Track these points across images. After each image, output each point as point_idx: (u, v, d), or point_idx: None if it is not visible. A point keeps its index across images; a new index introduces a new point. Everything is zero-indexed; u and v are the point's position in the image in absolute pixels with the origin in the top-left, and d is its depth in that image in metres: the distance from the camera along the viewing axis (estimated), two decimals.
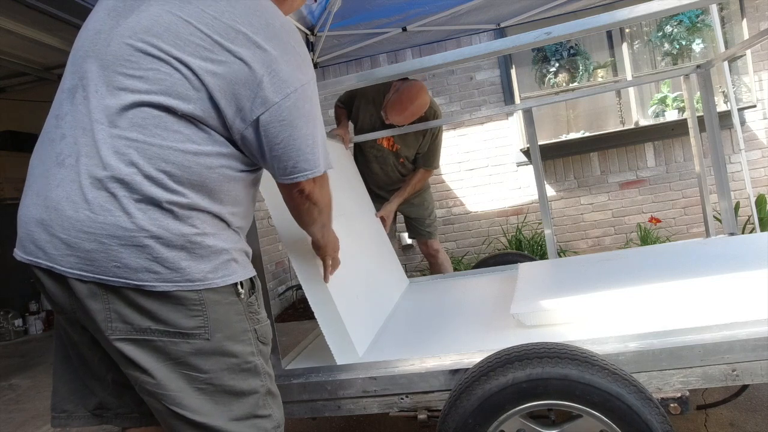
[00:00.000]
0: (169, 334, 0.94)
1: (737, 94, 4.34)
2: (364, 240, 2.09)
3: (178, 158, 0.93)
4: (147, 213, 0.91)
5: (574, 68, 4.55)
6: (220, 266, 0.98)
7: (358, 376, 1.37)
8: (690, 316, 1.34)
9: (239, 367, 1.00)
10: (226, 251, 0.99)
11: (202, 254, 0.95)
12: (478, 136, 4.83)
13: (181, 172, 0.93)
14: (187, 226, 0.94)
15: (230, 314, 0.99)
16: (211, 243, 0.97)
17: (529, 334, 1.44)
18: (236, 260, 1.01)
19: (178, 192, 0.93)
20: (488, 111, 4.41)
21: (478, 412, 1.14)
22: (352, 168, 2.53)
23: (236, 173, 1.01)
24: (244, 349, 1.01)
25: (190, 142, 0.94)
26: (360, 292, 1.71)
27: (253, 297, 1.06)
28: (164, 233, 0.92)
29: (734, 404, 1.81)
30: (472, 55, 1.31)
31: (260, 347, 1.05)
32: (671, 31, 4.40)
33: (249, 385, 1.01)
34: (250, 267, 1.08)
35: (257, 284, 1.10)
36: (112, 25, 0.97)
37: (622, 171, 4.64)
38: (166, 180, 0.92)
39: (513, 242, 4.58)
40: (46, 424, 2.55)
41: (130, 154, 0.91)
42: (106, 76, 0.94)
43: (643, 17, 1.24)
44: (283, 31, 0.99)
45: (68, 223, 0.92)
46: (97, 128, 0.93)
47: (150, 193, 0.91)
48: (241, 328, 1.01)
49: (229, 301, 0.99)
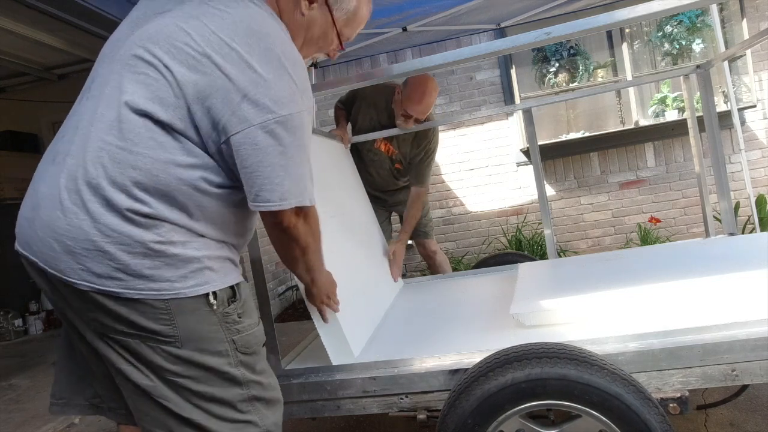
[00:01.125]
0: (141, 337, 0.94)
1: (737, 94, 4.34)
2: (360, 240, 2.09)
3: (147, 165, 0.91)
4: (109, 218, 0.91)
5: (574, 68, 4.55)
6: (190, 275, 0.95)
7: (357, 376, 1.37)
8: (690, 316, 1.34)
9: (215, 377, 0.98)
10: (197, 259, 0.96)
11: (167, 262, 0.93)
12: (478, 136, 4.83)
13: (148, 180, 0.92)
14: (149, 234, 0.92)
15: (202, 325, 0.97)
16: (178, 251, 0.94)
17: (529, 334, 1.44)
18: (211, 268, 0.98)
19: (141, 200, 0.91)
20: (488, 111, 4.40)
21: (477, 412, 1.14)
22: (350, 167, 2.53)
23: (211, 188, 0.98)
24: (219, 360, 0.98)
25: (163, 150, 0.93)
26: (356, 293, 1.71)
27: (232, 306, 1.01)
28: (126, 240, 0.91)
29: (734, 404, 1.81)
30: (472, 55, 1.31)
31: (241, 357, 1.01)
32: (671, 31, 4.40)
33: (228, 394, 1.00)
34: (232, 274, 1.04)
35: (240, 291, 1.05)
36: (128, 33, 1.01)
37: (622, 171, 4.64)
38: (131, 186, 0.91)
39: (513, 242, 4.58)
40: (46, 424, 2.55)
41: (103, 158, 0.91)
42: (110, 79, 0.97)
43: (643, 17, 1.24)
44: (283, 58, 0.97)
45: (43, 222, 0.94)
46: (91, 129, 0.94)
47: (113, 198, 0.90)
48: (215, 339, 0.98)
49: (200, 311, 0.96)
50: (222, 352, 0.99)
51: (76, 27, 2.86)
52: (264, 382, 1.06)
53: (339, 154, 2.40)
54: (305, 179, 1.04)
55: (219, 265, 1.01)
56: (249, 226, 1.15)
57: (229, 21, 0.95)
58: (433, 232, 3.00)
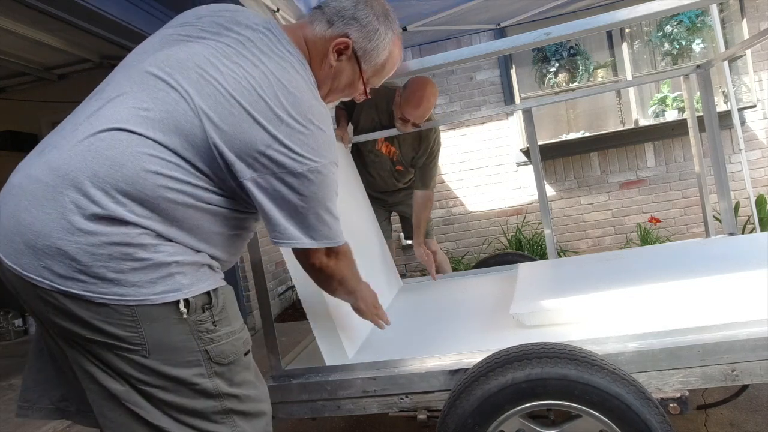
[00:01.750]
0: (107, 345, 0.90)
1: (737, 94, 4.34)
2: (359, 240, 2.09)
3: (134, 172, 0.89)
4: (77, 217, 0.86)
5: (574, 68, 4.55)
6: (160, 281, 0.90)
7: (358, 376, 1.37)
8: (690, 316, 1.34)
9: (184, 388, 0.94)
10: (167, 264, 0.91)
11: (135, 267, 0.88)
12: (478, 136, 4.83)
13: (132, 185, 0.89)
14: (118, 236, 0.88)
15: (171, 335, 0.92)
16: (148, 256, 0.89)
17: (529, 334, 1.44)
18: (183, 273, 0.93)
19: (119, 203, 0.88)
20: (488, 111, 4.40)
21: (477, 412, 1.14)
22: (350, 168, 2.53)
23: (203, 204, 0.96)
24: (189, 372, 0.93)
25: (157, 164, 0.91)
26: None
27: (207, 314, 0.96)
28: (92, 240, 0.86)
29: (734, 404, 1.81)
30: (472, 55, 1.31)
31: (215, 368, 0.96)
32: (671, 31, 4.40)
33: (199, 405, 0.95)
34: (208, 280, 0.98)
35: (218, 297, 0.99)
36: (157, 49, 0.99)
37: (622, 171, 4.64)
38: (111, 188, 0.88)
39: (513, 242, 4.58)
40: (46, 424, 2.55)
41: (90, 153, 0.89)
42: (124, 88, 0.95)
43: (643, 17, 1.24)
44: (309, 113, 0.97)
45: (10, 211, 0.90)
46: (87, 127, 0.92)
47: (90, 196, 0.87)
48: (185, 349, 0.93)
49: (169, 320, 0.91)
50: (193, 362, 0.94)
51: (76, 27, 2.86)
52: (242, 394, 1.00)
53: (339, 154, 2.40)
54: (332, 219, 1.07)
55: (193, 270, 0.96)
56: (239, 247, 1.12)
57: (262, 70, 0.95)
58: (433, 232, 3.01)
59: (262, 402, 1.07)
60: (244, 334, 1.06)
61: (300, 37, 1.07)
